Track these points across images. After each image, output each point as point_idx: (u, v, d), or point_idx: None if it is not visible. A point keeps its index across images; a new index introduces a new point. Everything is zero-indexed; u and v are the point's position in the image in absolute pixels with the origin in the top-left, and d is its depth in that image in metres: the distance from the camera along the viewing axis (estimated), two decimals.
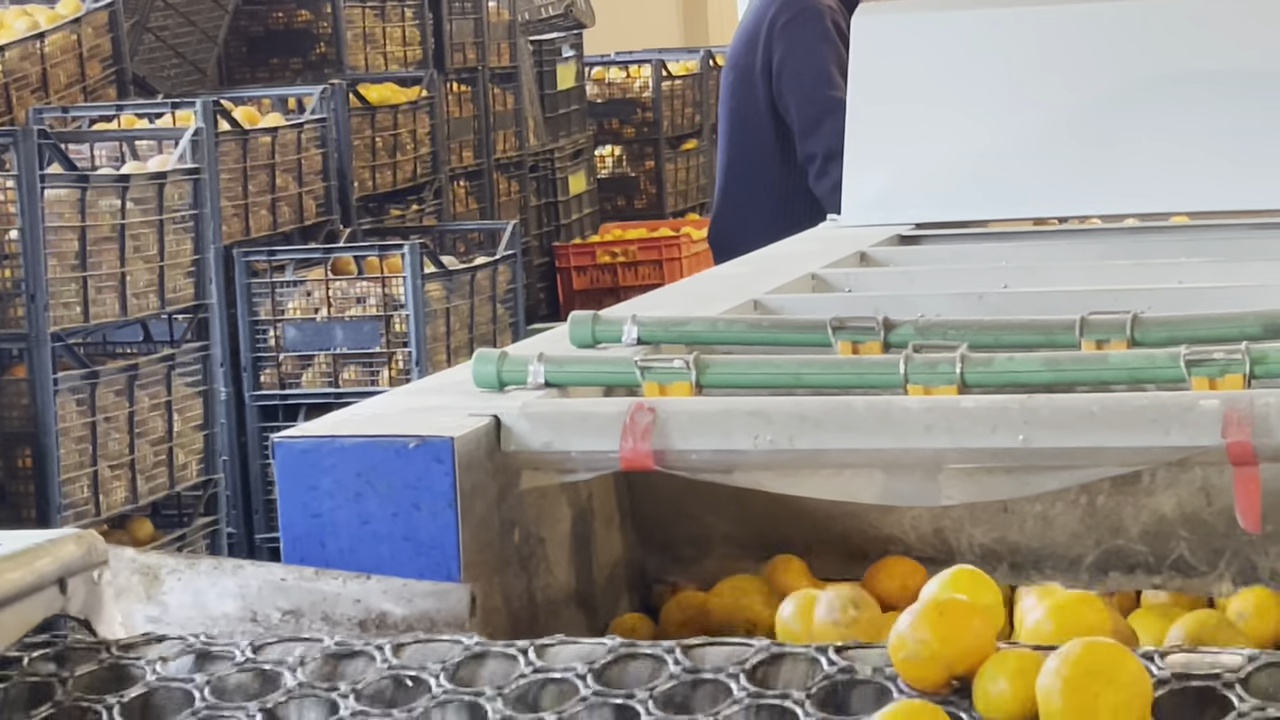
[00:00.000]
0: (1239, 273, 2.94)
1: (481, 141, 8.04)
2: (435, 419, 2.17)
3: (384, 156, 6.61)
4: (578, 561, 2.36)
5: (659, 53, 10.47)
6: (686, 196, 10.40)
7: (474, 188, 8.02)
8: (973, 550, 2.38)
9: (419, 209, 6.90)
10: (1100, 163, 3.74)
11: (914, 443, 2.07)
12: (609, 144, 10.09)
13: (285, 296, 5.27)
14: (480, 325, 5.53)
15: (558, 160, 9.03)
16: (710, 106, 10.40)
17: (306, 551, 2.13)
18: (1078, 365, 2.18)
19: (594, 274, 9.09)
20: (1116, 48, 3.77)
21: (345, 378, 5.24)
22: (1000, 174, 3.79)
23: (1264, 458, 1.97)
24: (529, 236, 8.55)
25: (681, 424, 2.13)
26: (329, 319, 5.21)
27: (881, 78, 3.91)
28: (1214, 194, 3.66)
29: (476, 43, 7.95)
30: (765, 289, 2.99)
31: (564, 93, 9.15)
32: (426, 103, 6.88)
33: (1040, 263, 3.26)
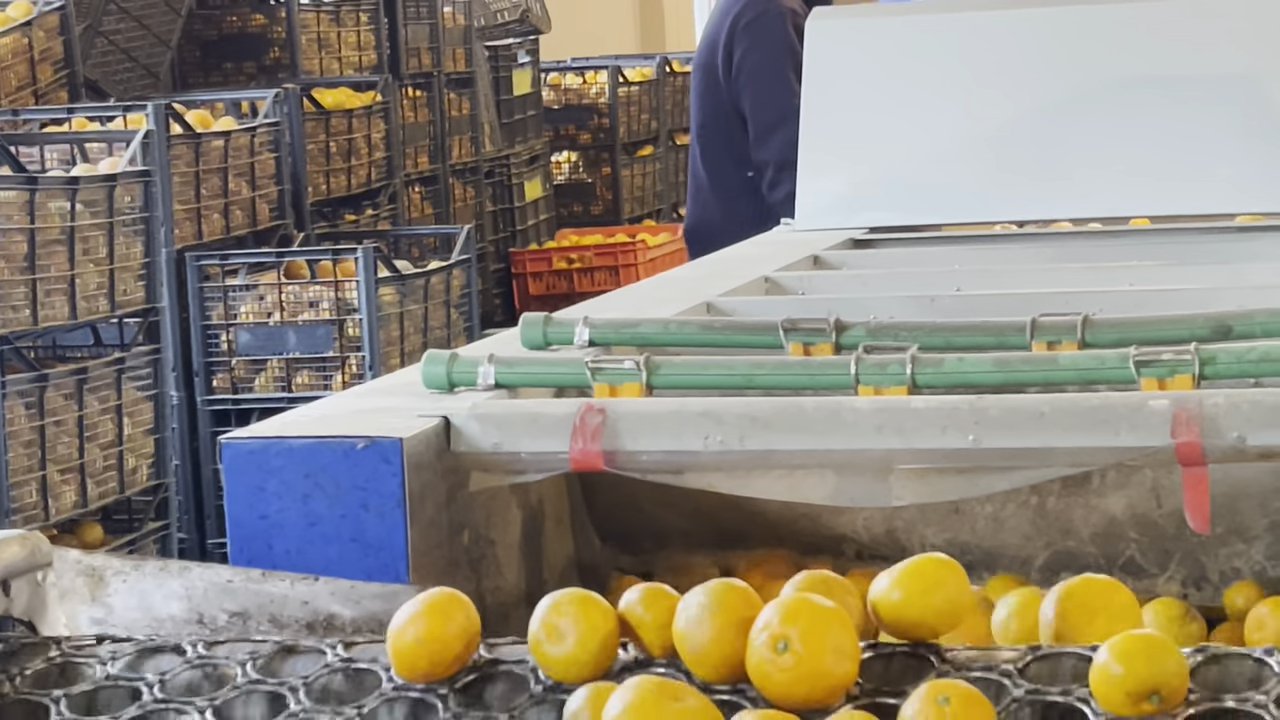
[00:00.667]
0: (1189, 275, 2.95)
1: (437, 147, 8.02)
2: (384, 420, 2.15)
3: (338, 161, 6.59)
4: (528, 563, 2.35)
5: (615, 59, 10.46)
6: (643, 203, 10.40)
7: (429, 193, 8.00)
8: (924, 549, 2.38)
9: (374, 214, 6.88)
10: (1052, 167, 3.75)
11: (864, 443, 2.06)
12: (565, 150, 10.08)
13: (238, 300, 5.24)
14: (434, 330, 5.51)
15: (514, 166, 9.01)
16: (667, 113, 10.41)
17: (254, 553, 2.11)
18: (1028, 366, 2.18)
19: (550, 280, 9.07)
20: (1068, 53, 3.78)
21: (298, 382, 5.22)
22: (953, 179, 3.80)
23: (1213, 458, 1.97)
24: (485, 242, 8.53)
25: (631, 425, 2.12)
26: (282, 323, 5.18)
27: (835, 82, 3.92)
28: (1165, 198, 3.68)
29: (432, 48, 7.93)
30: (718, 292, 2.99)
31: (520, 98, 9.13)
32: (381, 108, 6.86)
33: (993, 266, 3.27)
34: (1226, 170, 3.63)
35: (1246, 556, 2.26)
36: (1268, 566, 2.25)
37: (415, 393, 2.31)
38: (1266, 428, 1.95)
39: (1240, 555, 2.27)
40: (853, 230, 3.74)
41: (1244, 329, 2.32)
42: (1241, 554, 2.27)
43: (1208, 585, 2.28)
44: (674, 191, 10.72)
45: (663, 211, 10.57)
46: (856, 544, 2.37)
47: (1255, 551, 2.25)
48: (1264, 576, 2.25)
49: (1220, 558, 2.27)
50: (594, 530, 2.46)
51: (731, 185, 5.05)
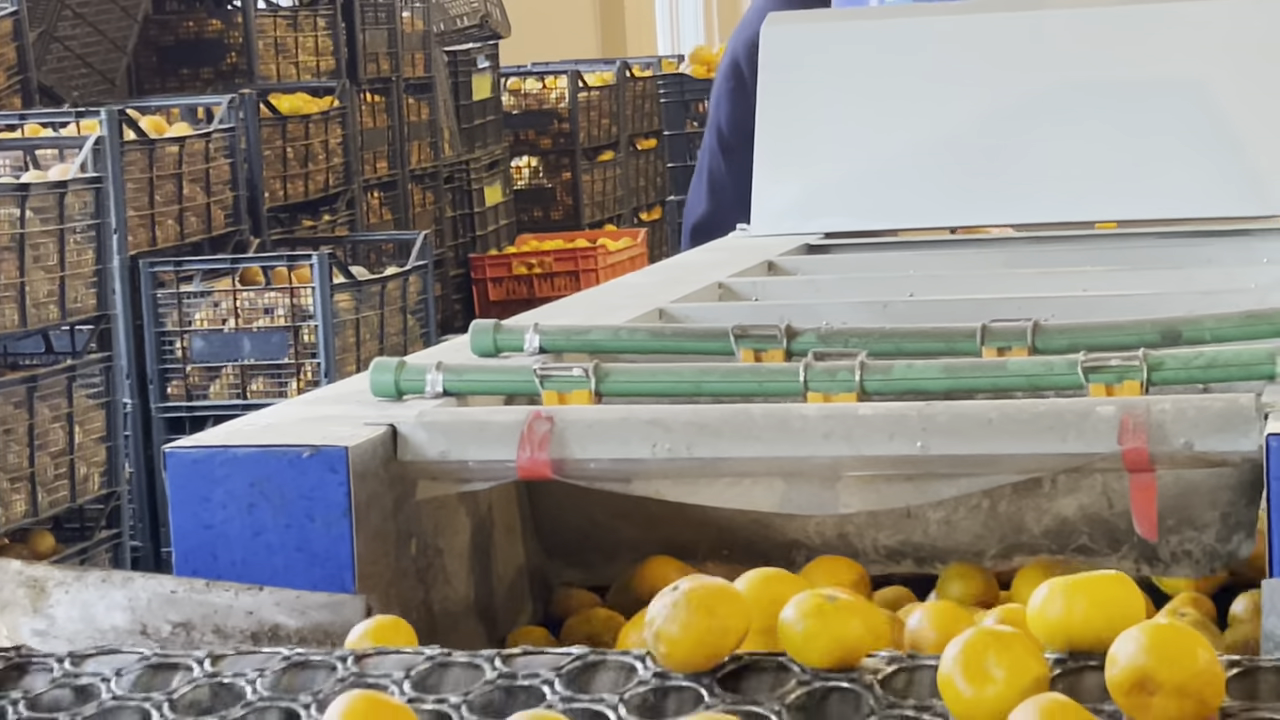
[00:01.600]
0: (1141, 281, 2.95)
1: (396, 152, 8.00)
2: (330, 428, 2.14)
3: (295, 167, 6.57)
4: (477, 572, 2.34)
5: (575, 64, 10.47)
6: (604, 208, 10.40)
7: (388, 199, 7.98)
8: (877, 553, 2.37)
9: (331, 220, 6.86)
10: (1007, 173, 3.75)
11: (812, 450, 2.06)
12: (525, 155, 10.08)
13: (192, 307, 5.22)
14: (391, 336, 5.49)
15: (473, 171, 9.00)
16: (627, 118, 10.40)
17: (199, 563, 2.10)
18: (976, 372, 2.17)
19: (510, 285, 9.06)
20: (1022, 59, 3.79)
21: (253, 389, 5.20)
22: (908, 184, 3.80)
23: (1160, 464, 1.97)
24: (444, 248, 8.52)
25: (579, 433, 2.11)
26: (236, 330, 5.16)
27: (791, 88, 3.91)
28: (1116, 203, 3.68)
29: (390, 53, 7.92)
30: (672, 298, 2.98)
31: (479, 103, 9.12)
32: (339, 113, 6.84)
33: (946, 271, 3.26)
34: (1177, 175, 3.64)
35: (1197, 541, 2.26)
36: (1217, 548, 2.25)
37: (363, 401, 2.29)
38: (1213, 433, 1.95)
39: (1191, 540, 2.27)
40: (808, 236, 3.74)
41: (1193, 334, 2.32)
42: (1193, 539, 2.27)
43: (1159, 563, 2.28)
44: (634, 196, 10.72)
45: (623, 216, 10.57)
46: (808, 549, 2.36)
47: (1206, 537, 2.25)
48: (1215, 554, 2.25)
49: (1171, 542, 2.27)
50: (543, 539, 2.45)
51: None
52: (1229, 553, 2.18)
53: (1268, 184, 3.58)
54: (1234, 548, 2.18)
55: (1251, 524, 2.16)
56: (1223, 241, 3.47)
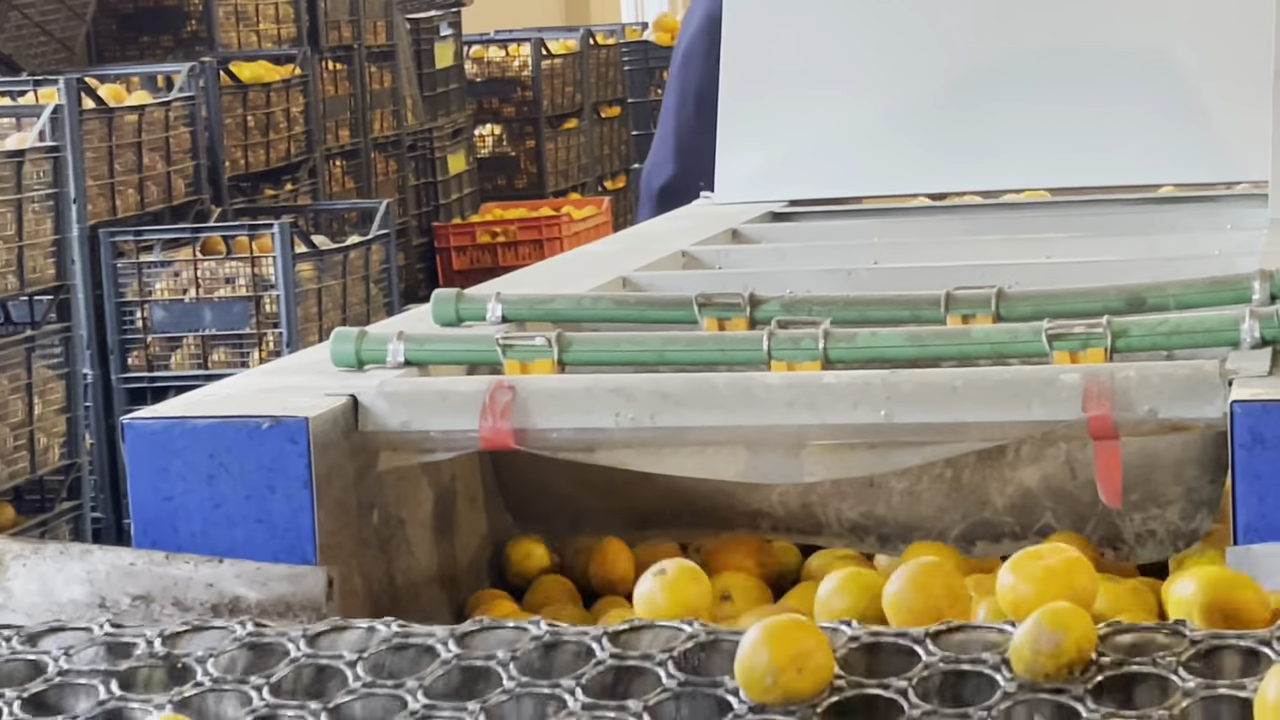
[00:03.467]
0: (1105, 248, 2.95)
1: (358, 120, 7.96)
2: (290, 399, 2.12)
3: (257, 135, 6.52)
4: (440, 542, 2.33)
5: (539, 31, 10.42)
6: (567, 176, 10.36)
7: (351, 167, 7.94)
8: (840, 524, 2.36)
9: (293, 189, 6.81)
10: (972, 139, 3.74)
11: (776, 419, 2.05)
12: (489, 123, 10.03)
13: (153, 277, 5.18)
14: (354, 305, 5.46)
15: (436, 140, 8.96)
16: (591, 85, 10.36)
17: (158, 535, 2.08)
18: (940, 340, 2.16)
19: (474, 254, 9.03)
20: (986, 26, 3.78)
21: (215, 359, 5.17)
22: (873, 151, 3.78)
23: (1124, 431, 1.96)
24: (408, 216, 8.48)
25: (542, 402, 2.10)
26: (198, 300, 5.12)
27: (754, 55, 3.89)
28: (1082, 169, 3.68)
29: (352, 20, 7.87)
30: (635, 266, 2.96)
31: (442, 71, 9.08)
32: (300, 81, 6.80)
33: (910, 239, 3.25)
34: (1142, 141, 3.63)
35: (1161, 519, 2.26)
36: (1181, 526, 2.25)
37: (324, 371, 2.28)
38: (1178, 400, 1.95)
39: (1155, 519, 2.26)
40: (772, 203, 3.72)
41: (1157, 301, 2.31)
42: (1156, 517, 2.26)
43: (1124, 545, 2.28)
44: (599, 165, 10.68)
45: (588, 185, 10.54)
46: (771, 519, 2.35)
47: (1170, 514, 2.25)
48: (1178, 533, 2.25)
49: (1135, 521, 2.27)
50: (506, 508, 2.43)
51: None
52: (1192, 531, 2.17)
53: (1232, 150, 3.58)
54: (1197, 525, 2.17)
55: (1215, 501, 2.15)
56: (1188, 208, 3.47)
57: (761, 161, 3.84)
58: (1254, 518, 1.83)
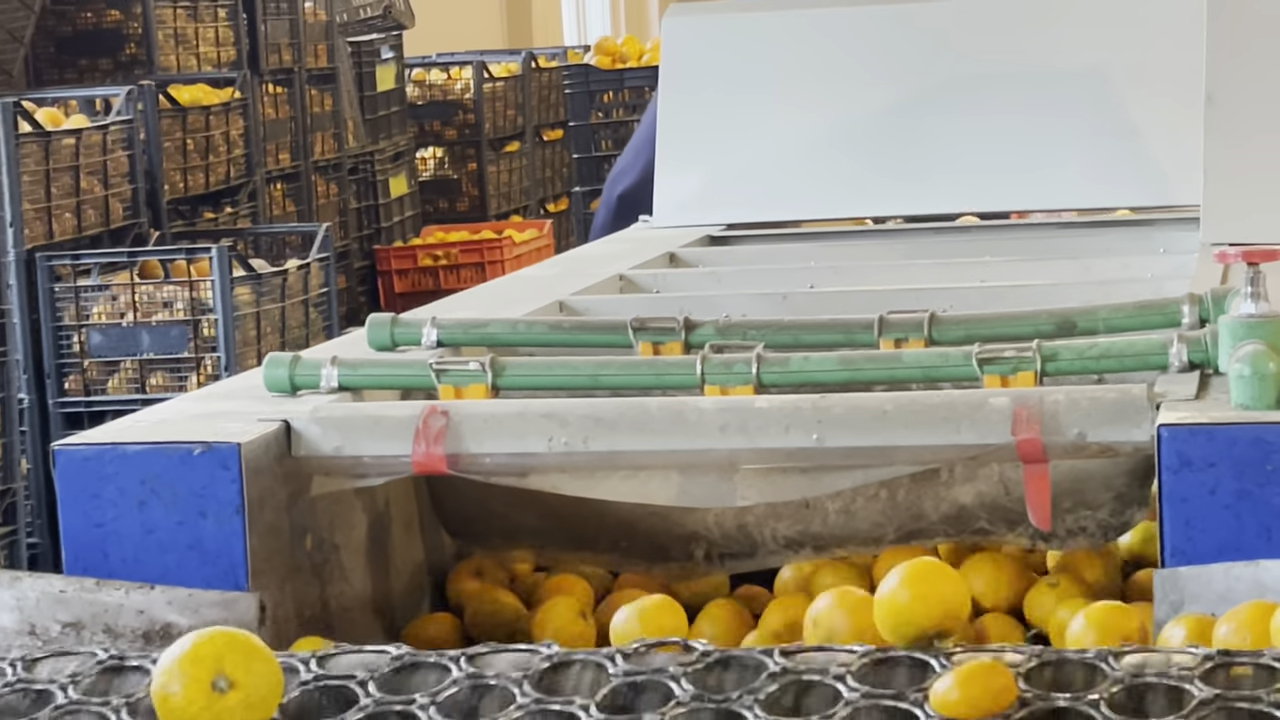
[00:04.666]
0: (1037, 271, 2.97)
1: (299, 143, 7.93)
2: (223, 424, 2.12)
3: (196, 159, 6.50)
4: (374, 567, 2.32)
5: (480, 54, 10.42)
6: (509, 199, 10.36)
7: (291, 190, 7.91)
8: (776, 543, 2.37)
9: (233, 212, 6.79)
10: (906, 164, 3.77)
11: (709, 443, 2.06)
12: (430, 146, 10.02)
13: (90, 301, 5.15)
14: (292, 329, 5.44)
15: (378, 162, 8.94)
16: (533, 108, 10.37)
17: (89, 562, 2.07)
18: (872, 364, 2.17)
19: (415, 277, 9.01)
20: (922, 50, 3.80)
21: (153, 383, 5.14)
22: (809, 175, 3.81)
23: (1053, 455, 1.98)
24: (349, 239, 8.46)
25: (475, 427, 2.10)
26: (135, 324, 5.10)
27: (692, 79, 3.91)
28: (1018, 193, 3.71)
29: (292, 43, 7.85)
30: (572, 290, 2.97)
31: (384, 94, 9.06)
32: (240, 105, 6.78)
33: (846, 262, 3.27)
34: (1076, 165, 3.66)
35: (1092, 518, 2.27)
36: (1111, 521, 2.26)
37: (257, 396, 2.27)
38: (1105, 423, 1.97)
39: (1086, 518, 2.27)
40: (710, 227, 3.74)
41: (1087, 324, 2.33)
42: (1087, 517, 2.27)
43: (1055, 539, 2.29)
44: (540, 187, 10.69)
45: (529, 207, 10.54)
46: (707, 541, 2.36)
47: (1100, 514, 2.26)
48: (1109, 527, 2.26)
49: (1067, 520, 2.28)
50: (441, 532, 2.43)
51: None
52: (1123, 524, 2.19)
53: (1165, 173, 3.61)
54: (1127, 519, 2.18)
55: (1144, 499, 2.17)
56: (1120, 231, 3.50)
57: (699, 186, 3.85)
58: (1181, 541, 1.85)
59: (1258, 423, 1.85)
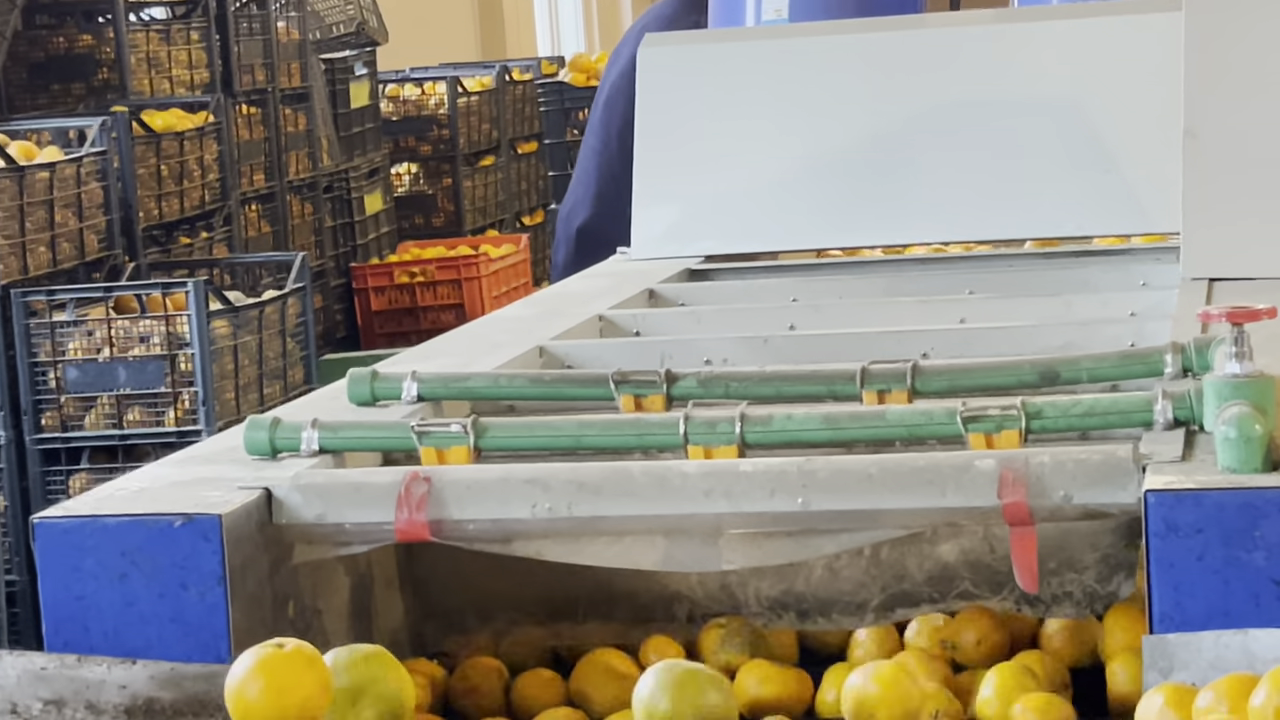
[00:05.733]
0: (1018, 309, 2.97)
1: (273, 164, 7.91)
2: (203, 493, 2.10)
3: (170, 184, 6.47)
4: (357, 630, 2.31)
5: (454, 68, 10.40)
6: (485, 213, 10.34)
7: (266, 211, 7.89)
8: (760, 603, 2.36)
9: (208, 236, 6.76)
10: (885, 193, 3.76)
11: (693, 508, 2.05)
12: (405, 161, 10.00)
13: (66, 337, 5.12)
14: (270, 360, 5.42)
15: (353, 180, 8.92)
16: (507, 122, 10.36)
17: (70, 635, 2.05)
18: (856, 423, 2.16)
19: (392, 295, 9.00)
20: (899, 80, 3.80)
21: (130, 419, 5.11)
22: (787, 205, 3.80)
23: (1040, 518, 1.97)
24: (325, 258, 8.44)
25: (458, 493, 2.09)
26: (111, 359, 5.07)
27: (668, 110, 3.90)
28: (997, 223, 3.70)
29: (266, 64, 7.83)
30: (552, 334, 2.95)
31: (358, 111, 9.04)
32: (214, 129, 6.75)
33: (826, 300, 3.26)
34: (1055, 194, 3.66)
35: (1079, 582, 2.27)
36: (1097, 589, 2.25)
37: (237, 460, 2.25)
38: (1091, 486, 1.96)
39: (1072, 581, 2.27)
40: (688, 259, 3.73)
41: (1070, 375, 2.33)
42: (1074, 580, 2.27)
43: (1040, 604, 2.29)
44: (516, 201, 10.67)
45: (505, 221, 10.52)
46: (690, 601, 2.35)
47: (1086, 578, 2.26)
48: (1095, 596, 2.26)
49: (1052, 584, 2.28)
50: (420, 596, 2.42)
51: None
52: (1110, 594, 2.18)
53: (1144, 202, 3.61)
54: (1114, 589, 2.18)
55: (1131, 565, 2.16)
56: (1100, 262, 3.49)
57: (677, 217, 3.84)
58: (1169, 607, 1.84)
59: (1245, 487, 1.84)
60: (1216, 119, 3.04)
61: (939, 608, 2.31)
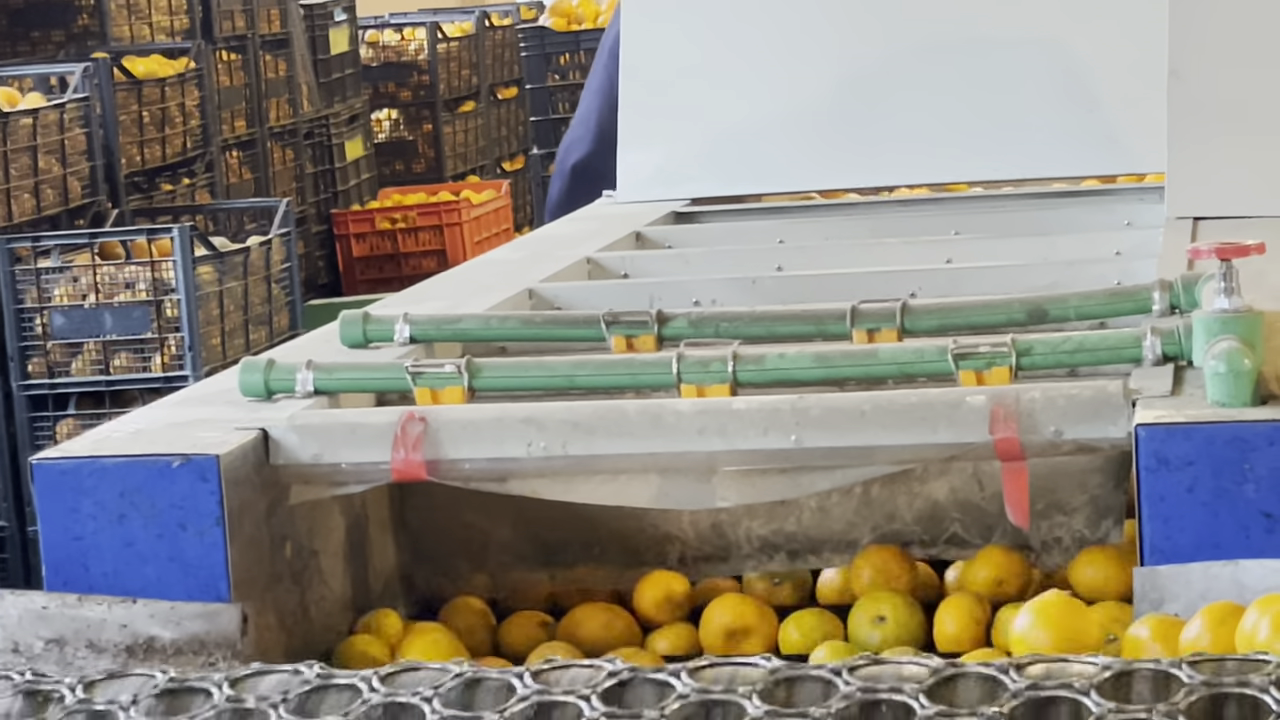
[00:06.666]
0: (1003, 250, 2.98)
1: (254, 110, 7.89)
2: (200, 434, 2.11)
3: (152, 131, 6.46)
4: (353, 571, 2.33)
5: (433, 14, 10.37)
6: (466, 159, 10.32)
7: (248, 158, 7.87)
8: (750, 543, 2.38)
9: (190, 183, 6.75)
10: (871, 134, 3.76)
11: (687, 446, 2.06)
12: (385, 108, 9.97)
13: (51, 283, 5.12)
14: (255, 306, 5.42)
15: (333, 126, 8.90)
16: (487, 67, 10.33)
17: (70, 576, 2.07)
18: (848, 361, 2.18)
19: (374, 241, 8.98)
20: (885, 22, 3.80)
21: (116, 365, 5.12)
22: (772, 148, 3.80)
23: (1031, 453, 1.99)
24: (306, 205, 8.43)
25: (453, 433, 2.10)
26: (97, 305, 5.07)
27: (653, 53, 3.90)
28: (981, 164, 3.71)
29: (245, 10, 7.80)
30: (541, 276, 2.96)
31: (337, 57, 9.01)
32: (195, 75, 6.73)
33: (813, 241, 3.27)
34: (1038, 135, 3.67)
35: (1067, 526, 2.29)
36: (1086, 533, 2.28)
37: (232, 401, 2.27)
38: (1081, 421, 1.98)
39: (1061, 525, 2.30)
40: (674, 202, 3.73)
41: (1059, 313, 2.34)
42: (1062, 524, 2.30)
43: (1030, 553, 2.31)
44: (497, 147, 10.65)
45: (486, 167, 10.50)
46: (681, 542, 2.36)
47: (1075, 522, 2.28)
48: (1084, 541, 2.28)
49: (1041, 529, 2.30)
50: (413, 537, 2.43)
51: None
52: (1099, 539, 2.21)
53: (1126, 142, 3.62)
54: (1103, 534, 2.20)
55: (1120, 509, 2.19)
56: (1086, 202, 3.50)
57: (662, 160, 3.85)
58: (1159, 539, 1.86)
59: (1234, 421, 1.86)
60: (1200, 59, 3.06)
61: (930, 552, 2.34)
